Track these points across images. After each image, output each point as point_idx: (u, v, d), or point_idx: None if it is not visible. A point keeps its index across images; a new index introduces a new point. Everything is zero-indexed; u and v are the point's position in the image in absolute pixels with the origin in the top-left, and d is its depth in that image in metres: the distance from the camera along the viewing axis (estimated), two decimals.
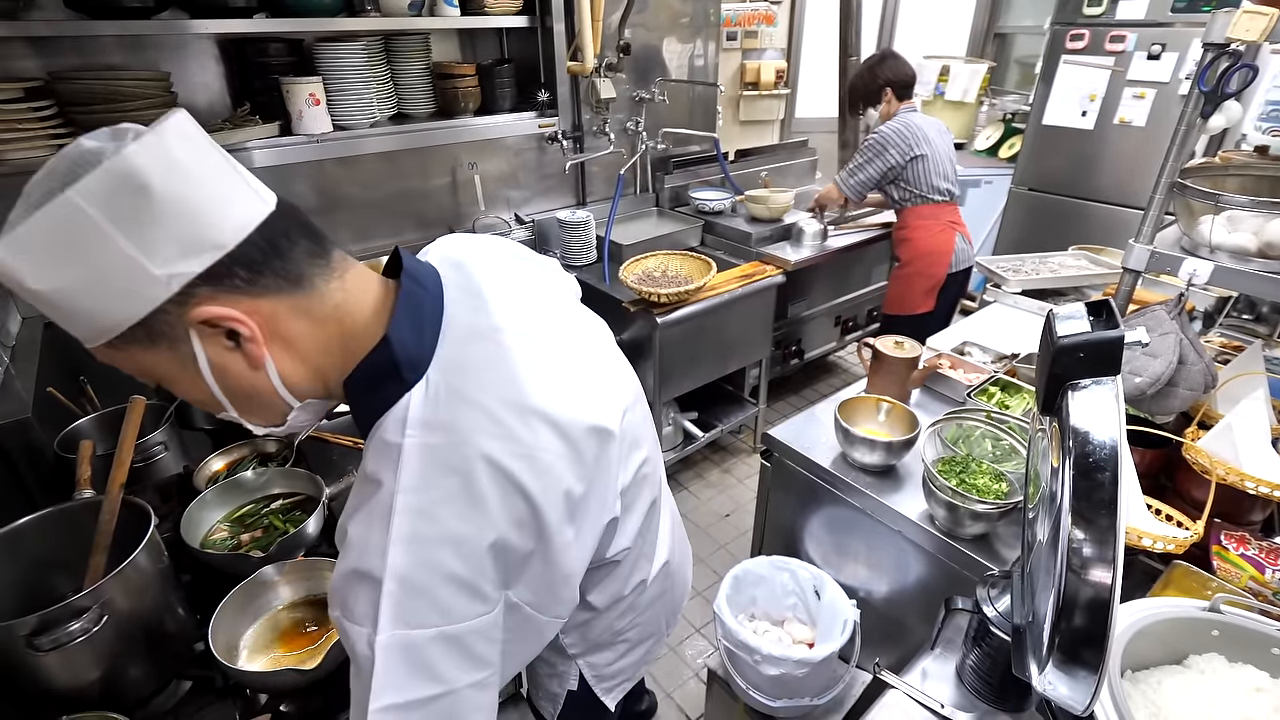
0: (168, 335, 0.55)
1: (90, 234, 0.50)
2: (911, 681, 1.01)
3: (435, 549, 0.57)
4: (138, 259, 0.51)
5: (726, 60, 3.26)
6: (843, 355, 3.71)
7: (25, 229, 0.50)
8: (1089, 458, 0.66)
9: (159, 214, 0.51)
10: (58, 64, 1.65)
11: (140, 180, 0.50)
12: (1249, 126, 2.67)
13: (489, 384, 0.63)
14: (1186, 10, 2.81)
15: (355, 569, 0.58)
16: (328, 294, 0.61)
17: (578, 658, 0.93)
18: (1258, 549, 1.09)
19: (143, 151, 0.51)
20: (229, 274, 0.55)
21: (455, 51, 2.36)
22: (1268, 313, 1.83)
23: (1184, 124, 1.33)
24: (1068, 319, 0.73)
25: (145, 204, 0.51)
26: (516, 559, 0.62)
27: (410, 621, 0.56)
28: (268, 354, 0.59)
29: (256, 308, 0.57)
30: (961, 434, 1.38)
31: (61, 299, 0.52)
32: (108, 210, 0.50)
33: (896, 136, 2.46)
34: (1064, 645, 0.66)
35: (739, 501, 2.74)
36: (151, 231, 0.51)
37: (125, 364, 0.58)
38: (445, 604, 0.58)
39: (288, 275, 0.58)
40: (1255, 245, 1.26)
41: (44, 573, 0.99)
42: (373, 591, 0.56)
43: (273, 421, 0.66)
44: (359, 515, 0.60)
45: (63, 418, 1.36)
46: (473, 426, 0.60)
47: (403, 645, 0.56)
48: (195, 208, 0.53)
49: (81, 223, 0.50)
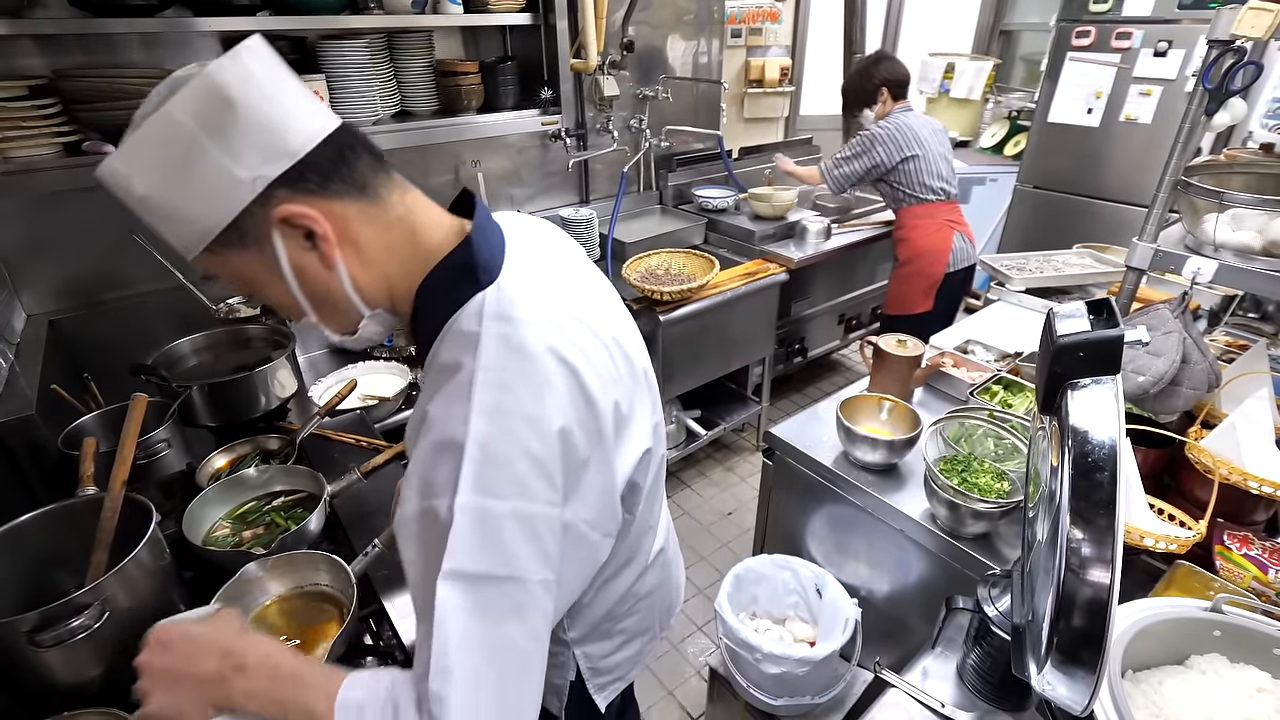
0: (254, 236, 0.63)
1: (186, 142, 0.59)
2: (912, 680, 1.01)
3: (514, 421, 0.62)
4: (226, 163, 0.60)
5: (731, 57, 3.25)
6: (845, 353, 3.70)
7: (134, 140, 0.60)
8: (1088, 457, 0.66)
9: (241, 123, 0.60)
10: (62, 62, 1.65)
11: (224, 94, 0.59)
12: (1254, 124, 2.65)
13: (550, 296, 0.71)
14: (1193, 7, 2.79)
15: (438, 440, 0.62)
16: (392, 205, 0.69)
17: (575, 645, 0.93)
18: (1261, 549, 1.09)
19: (224, 69, 0.59)
20: (303, 178, 0.63)
21: (458, 49, 2.36)
22: (1273, 311, 1.82)
23: (1188, 121, 1.32)
24: (1068, 318, 0.73)
25: (230, 114, 0.59)
26: (576, 461, 0.66)
27: (489, 490, 0.60)
28: (339, 255, 0.66)
29: (329, 210, 0.64)
30: (964, 433, 1.37)
31: (164, 204, 0.61)
32: (199, 120, 0.59)
33: (886, 136, 2.46)
34: (1062, 645, 0.66)
35: (741, 500, 2.74)
36: (236, 139, 0.60)
37: (223, 270, 0.67)
38: (521, 478, 0.61)
39: (354, 183, 0.66)
40: (1260, 243, 1.25)
41: (46, 569, 0.99)
42: (455, 459, 0.60)
43: (346, 328, 0.73)
44: (439, 396, 0.64)
45: (66, 415, 1.37)
46: (542, 323, 0.66)
47: (481, 511, 0.60)
48: (271, 118, 0.61)
49: (179, 133, 0.59)
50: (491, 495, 0.60)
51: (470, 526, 0.59)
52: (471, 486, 0.59)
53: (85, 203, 1.75)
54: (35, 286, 1.77)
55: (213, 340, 1.64)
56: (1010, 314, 2.07)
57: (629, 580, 0.91)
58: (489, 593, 0.60)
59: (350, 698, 0.62)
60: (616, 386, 0.72)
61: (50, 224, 1.74)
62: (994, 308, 2.13)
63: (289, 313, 0.71)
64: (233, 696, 0.65)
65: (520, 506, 0.61)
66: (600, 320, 0.75)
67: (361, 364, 1.96)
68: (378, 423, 1.73)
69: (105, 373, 1.59)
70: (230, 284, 0.70)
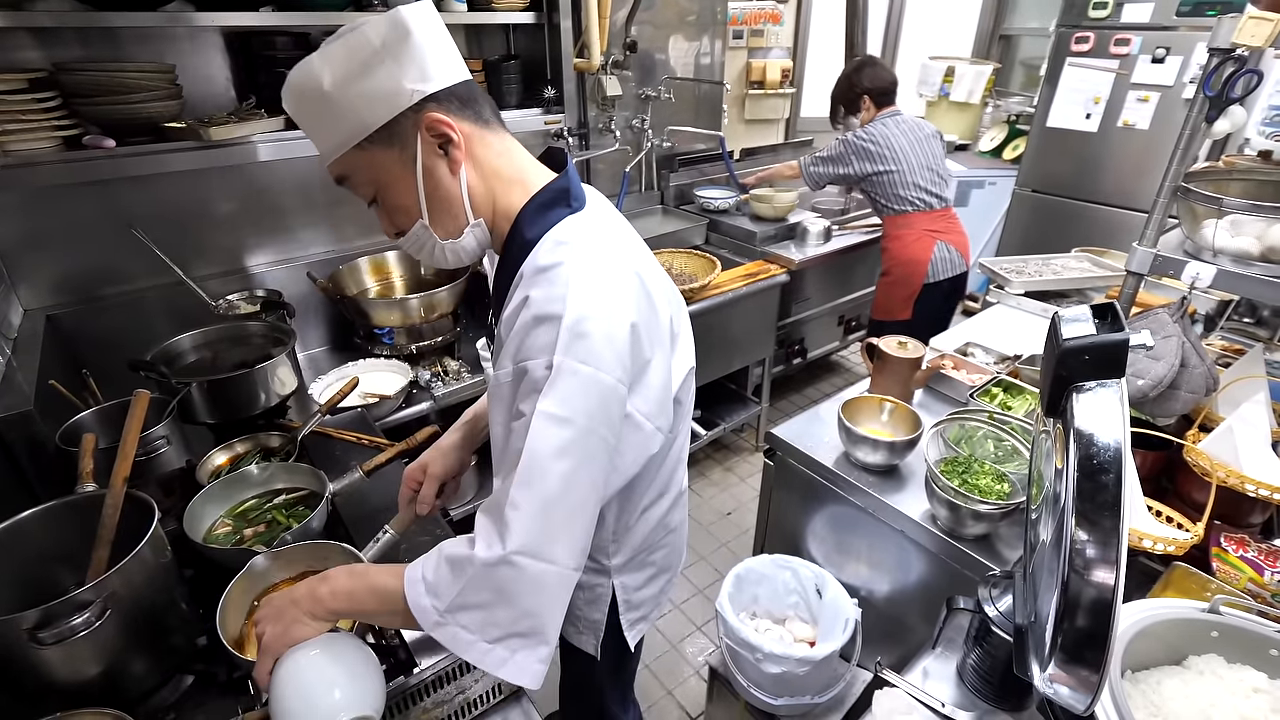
0: (401, 137, 0.78)
1: (372, 54, 0.75)
2: (913, 680, 1.01)
3: (601, 307, 0.75)
4: (397, 74, 0.75)
5: (732, 59, 3.26)
6: (845, 355, 3.71)
7: (333, 46, 0.76)
8: (1093, 459, 0.67)
9: (413, 48, 0.76)
10: (62, 55, 1.64)
11: (405, 25, 0.75)
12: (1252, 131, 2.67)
13: (621, 230, 0.90)
14: (1191, 14, 2.81)
15: (538, 314, 0.75)
16: (501, 139, 0.85)
17: (615, 574, 1.04)
18: (1257, 551, 1.10)
19: (411, 9, 0.77)
20: (447, 99, 0.79)
21: (462, 47, 2.33)
22: (1268, 316, 1.83)
23: (1188, 128, 1.33)
24: (1073, 321, 0.74)
25: (406, 40, 0.75)
26: (642, 356, 0.81)
27: (578, 355, 0.73)
28: (464, 162, 0.81)
29: (461, 127, 0.80)
30: (964, 434, 1.38)
31: (342, 98, 0.75)
32: (384, 39, 0.75)
33: (860, 148, 2.49)
34: (1066, 645, 0.66)
35: (741, 500, 2.74)
36: (406, 58, 0.76)
37: (362, 166, 0.80)
38: (601, 351, 0.74)
39: (480, 115, 0.83)
40: (1258, 249, 1.26)
41: (46, 566, 0.98)
42: (553, 328, 0.73)
43: (451, 231, 0.85)
44: (538, 283, 0.77)
45: (65, 410, 1.36)
46: (618, 244, 0.85)
47: (571, 369, 0.73)
48: (434, 51, 0.78)
49: (367, 47, 0.75)
50: (580, 360, 0.73)
51: (564, 380, 0.72)
52: (565, 349, 0.72)
53: (85, 197, 1.74)
54: (33, 281, 1.76)
55: (212, 336, 1.63)
56: (1009, 317, 2.08)
57: (664, 509, 1.04)
58: (569, 433, 0.73)
59: (414, 573, 0.77)
60: (673, 307, 0.92)
61: (49, 218, 1.73)
62: (993, 310, 2.14)
63: (403, 218, 0.84)
64: (321, 598, 0.80)
65: (599, 375, 0.74)
66: (654, 261, 0.93)
67: (362, 362, 1.96)
68: (379, 421, 1.73)
69: (104, 369, 1.59)
70: (361, 183, 0.83)
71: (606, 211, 0.91)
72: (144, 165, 1.67)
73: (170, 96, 1.71)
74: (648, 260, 0.89)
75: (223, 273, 2.01)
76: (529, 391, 0.74)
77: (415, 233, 0.85)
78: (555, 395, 0.72)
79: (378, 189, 0.83)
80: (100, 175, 1.64)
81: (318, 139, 0.81)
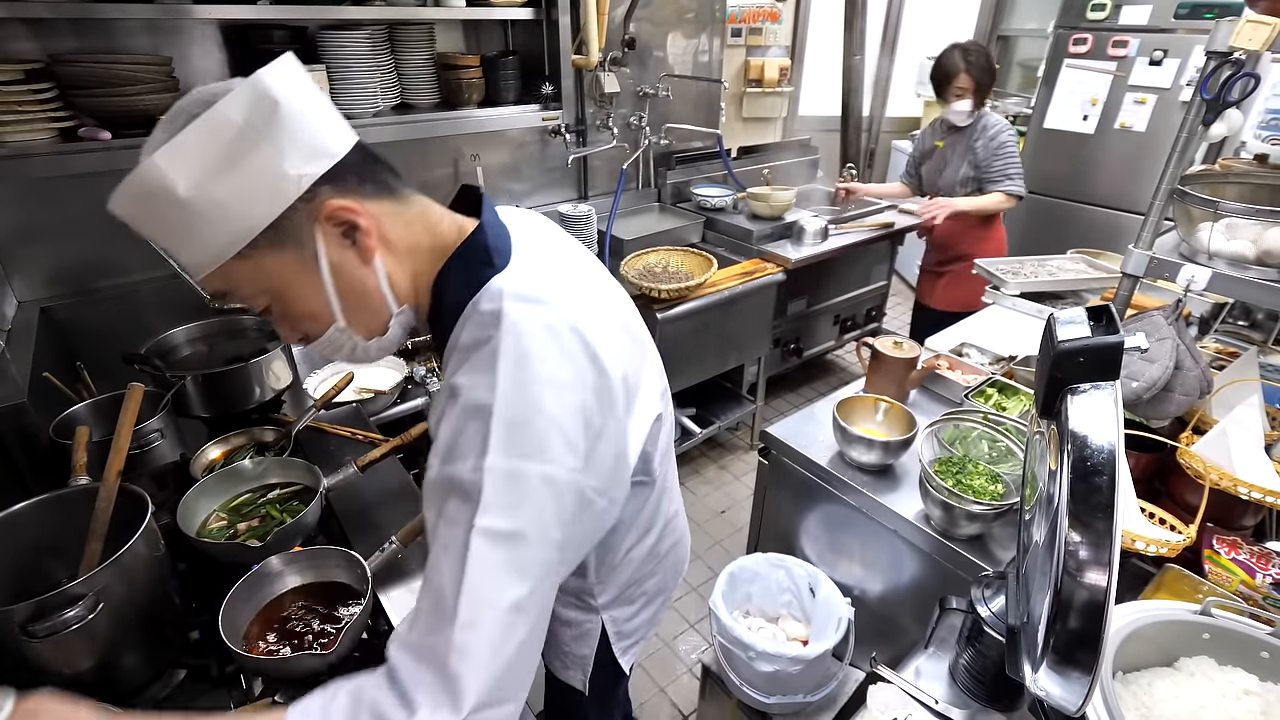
0: (293, 234, 0.65)
1: (236, 140, 0.60)
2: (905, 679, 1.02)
3: (538, 387, 0.64)
4: (274, 161, 0.61)
5: (730, 56, 3.25)
6: (840, 354, 3.72)
7: (181, 138, 0.59)
8: (1087, 461, 0.67)
9: (288, 122, 0.62)
10: (58, 47, 1.63)
11: (272, 95, 0.61)
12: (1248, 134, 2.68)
13: (559, 276, 0.75)
14: (1189, 17, 2.82)
15: (466, 406, 0.64)
16: (411, 206, 0.73)
17: (603, 610, 0.97)
18: (1249, 554, 1.10)
19: (270, 72, 0.62)
20: (343, 177, 0.66)
21: (460, 42, 2.35)
22: (1262, 319, 1.84)
23: (1185, 131, 1.33)
24: (1068, 323, 0.74)
25: (276, 114, 0.61)
26: (593, 430, 0.68)
27: (517, 451, 0.62)
28: (377, 248, 0.69)
29: (368, 207, 0.67)
30: (958, 435, 1.38)
31: (209, 203, 0.60)
32: (249, 119, 0.60)
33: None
34: (1059, 646, 0.67)
35: (735, 498, 2.75)
36: (283, 136, 0.62)
37: (249, 277, 0.66)
38: (544, 441, 0.64)
39: (383, 183, 0.70)
40: (1253, 253, 1.26)
41: (39, 559, 0.98)
42: (483, 423, 0.62)
43: (376, 328, 0.74)
44: (465, 368, 0.66)
45: (58, 403, 1.35)
46: (557, 300, 0.69)
47: (511, 471, 0.62)
48: (312, 121, 0.64)
49: (229, 130, 0.60)
50: (520, 457, 0.62)
51: (502, 486, 0.61)
52: (501, 448, 0.61)
53: (79, 189, 1.73)
54: (28, 273, 1.75)
55: (207, 330, 1.63)
56: (1005, 318, 2.09)
57: (652, 542, 0.96)
58: (518, 551, 0.62)
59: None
60: (626, 360, 0.75)
61: (44, 210, 1.72)
62: (989, 311, 2.15)
63: (313, 323, 0.72)
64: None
65: (546, 469, 0.63)
66: (605, 299, 0.80)
67: None
68: (373, 416, 1.73)
69: (98, 361, 1.58)
70: (251, 295, 0.69)
71: (539, 249, 0.76)
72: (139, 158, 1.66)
73: (166, 89, 1.70)
74: (595, 307, 0.74)
75: None
76: (461, 502, 0.62)
77: (330, 337, 0.73)
78: (496, 506, 0.61)
79: (273, 297, 0.69)
80: (96, 167, 1.64)
81: (183, 253, 0.64)
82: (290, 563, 1.04)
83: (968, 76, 2.43)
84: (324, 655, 0.90)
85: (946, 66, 2.45)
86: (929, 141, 2.72)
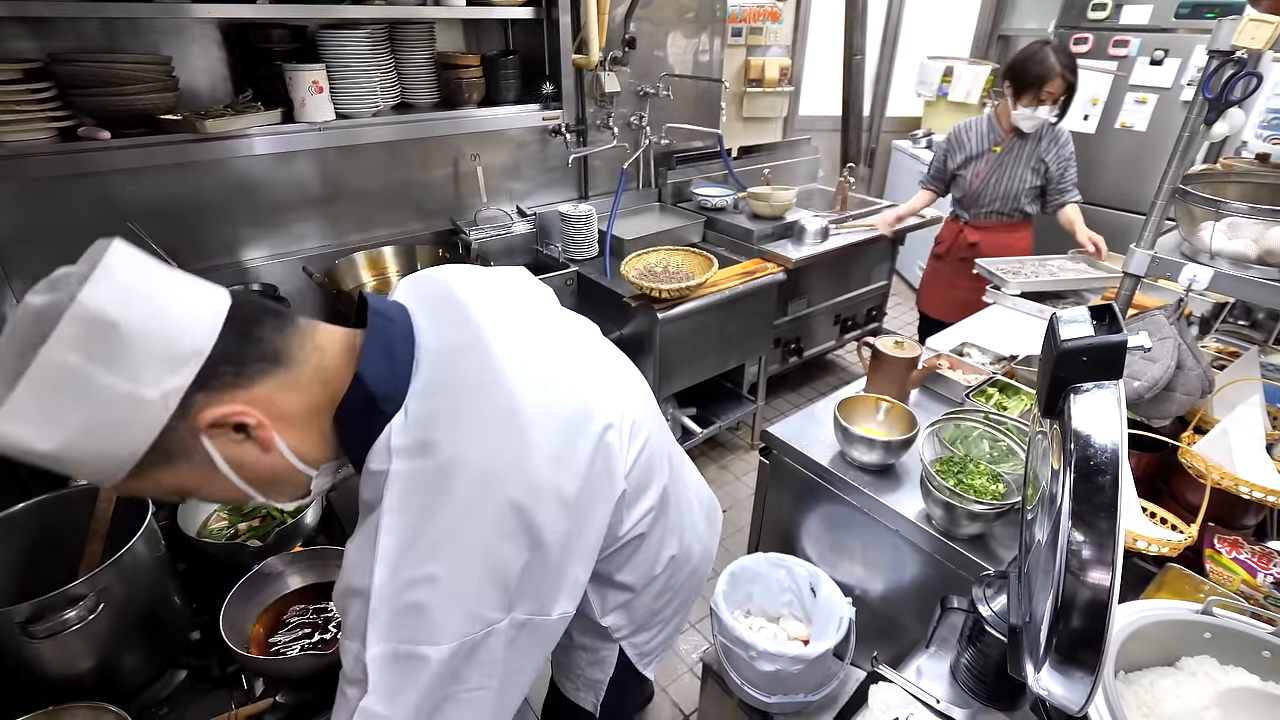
0: (180, 450, 0.58)
1: (78, 381, 0.52)
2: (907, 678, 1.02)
3: (420, 565, 0.59)
4: (129, 388, 0.53)
5: (731, 56, 3.25)
6: (841, 354, 3.72)
7: (16, 397, 0.51)
8: (1090, 461, 0.67)
9: (132, 342, 0.53)
10: (57, 46, 1.63)
11: (105, 318, 0.52)
12: (1250, 134, 2.68)
13: (473, 396, 0.64)
14: (1190, 16, 2.82)
15: (348, 586, 0.61)
16: (305, 360, 0.64)
17: (623, 640, 0.96)
18: (1250, 553, 1.10)
19: (95, 293, 0.52)
20: (217, 374, 0.57)
21: (460, 42, 2.35)
22: (1263, 319, 1.84)
23: (1187, 130, 1.33)
24: (1071, 323, 0.74)
25: (116, 337, 0.52)
26: (512, 573, 0.63)
27: (397, 636, 0.59)
28: (276, 435, 0.62)
29: (252, 397, 0.60)
30: (959, 434, 1.38)
31: (73, 451, 0.54)
32: (86, 354, 0.52)
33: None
34: (1061, 646, 0.66)
35: (736, 498, 2.75)
36: (132, 360, 0.53)
37: (150, 489, 0.62)
38: (432, 621, 0.59)
39: (266, 357, 0.61)
40: (1255, 252, 1.26)
41: (39, 560, 0.98)
42: (363, 607, 0.59)
43: (298, 494, 0.70)
44: (355, 538, 0.63)
45: None
46: (457, 444, 0.62)
47: (391, 657, 0.59)
48: (163, 325, 0.55)
49: (66, 374, 0.51)
50: (401, 641, 0.59)
51: (385, 674, 0.58)
52: (380, 636, 0.58)
53: (79, 188, 1.73)
54: (26, 272, 1.75)
55: None
56: (1005, 318, 2.09)
57: (666, 577, 0.94)
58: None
59: None
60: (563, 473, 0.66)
61: (43, 210, 1.72)
62: (989, 311, 2.15)
63: (234, 503, 0.69)
64: None
65: (441, 652, 0.59)
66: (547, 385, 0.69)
67: None
68: None
69: None
70: (164, 495, 0.64)
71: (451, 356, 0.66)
72: (139, 157, 1.66)
73: (166, 89, 1.69)
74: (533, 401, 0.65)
75: (218, 266, 2.01)
76: (348, 681, 0.61)
77: (257, 501, 0.68)
78: (375, 690, 0.58)
79: (185, 494, 0.65)
80: (95, 167, 1.64)
81: (80, 477, 0.60)
82: (291, 563, 1.04)
83: (1062, 81, 2.21)
84: (325, 656, 0.90)
85: (1038, 68, 2.20)
86: (977, 144, 2.47)
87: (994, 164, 2.44)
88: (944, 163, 2.58)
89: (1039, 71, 2.21)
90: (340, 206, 2.20)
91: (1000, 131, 2.43)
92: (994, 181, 2.46)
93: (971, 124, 2.52)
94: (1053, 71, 2.19)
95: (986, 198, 2.49)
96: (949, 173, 2.58)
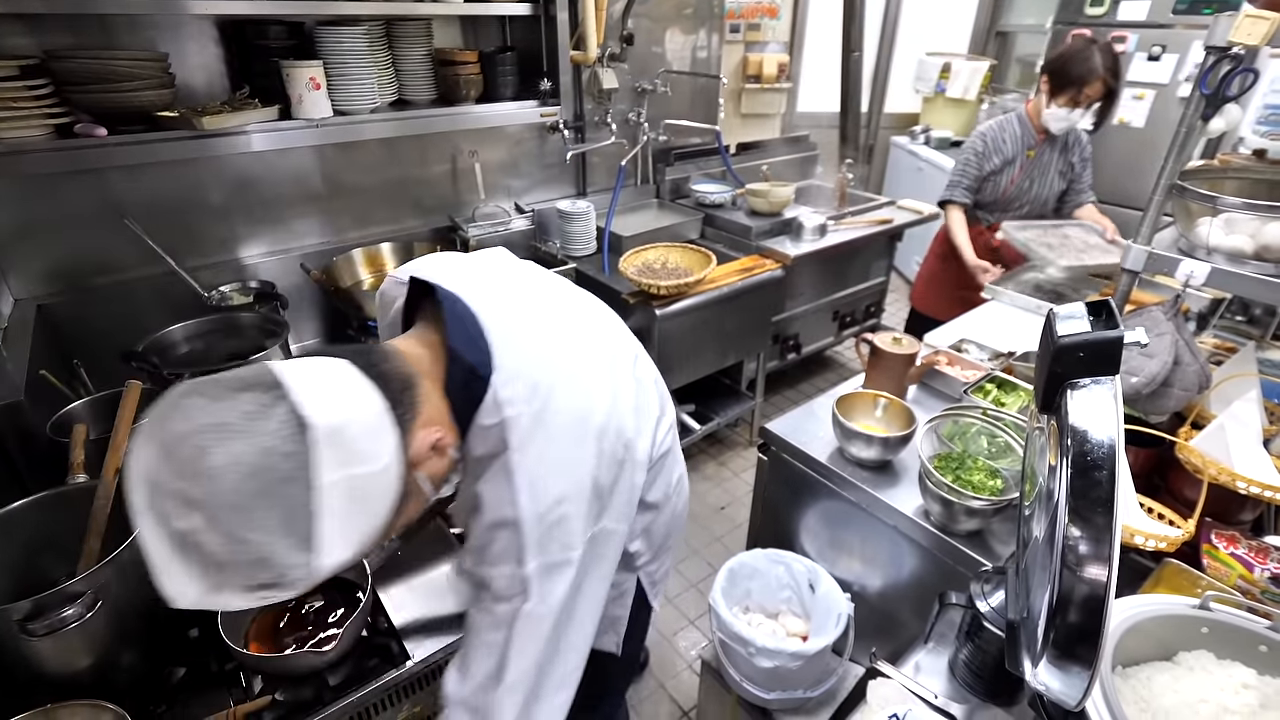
0: (410, 491, 0.66)
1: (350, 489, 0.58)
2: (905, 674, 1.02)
3: (552, 488, 0.72)
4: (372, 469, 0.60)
5: (729, 53, 3.24)
6: (839, 350, 3.72)
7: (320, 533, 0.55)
8: (1087, 456, 0.67)
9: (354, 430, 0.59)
10: (53, 42, 1.62)
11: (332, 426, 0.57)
12: (1246, 129, 2.68)
13: (541, 349, 0.78)
14: (1187, 12, 2.82)
15: (493, 521, 0.72)
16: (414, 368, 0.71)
17: (642, 568, 1.08)
18: (1247, 548, 1.11)
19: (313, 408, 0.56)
20: (398, 417, 0.64)
21: (457, 38, 2.34)
22: (1260, 314, 1.84)
23: (1184, 126, 1.33)
24: (1068, 318, 0.74)
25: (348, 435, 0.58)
26: (608, 490, 0.77)
27: (548, 551, 0.72)
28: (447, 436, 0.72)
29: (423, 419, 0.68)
30: (958, 430, 1.39)
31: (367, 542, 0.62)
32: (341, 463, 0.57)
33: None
34: (1059, 641, 0.67)
35: (734, 495, 2.75)
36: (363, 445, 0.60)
37: (384, 539, 0.68)
38: (568, 532, 0.73)
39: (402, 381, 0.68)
40: (1252, 248, 1.27)
41: (37, 557, 0.98)
42: (513, 534, 0.71)
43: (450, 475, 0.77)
44: (485, 479, 0.73)
45: (55, 401, 1.35)
46: (550, 388, 0.75)
47: (547, 570, 0.72)
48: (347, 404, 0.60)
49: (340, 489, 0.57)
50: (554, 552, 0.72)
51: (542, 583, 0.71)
52: (534, 551, 0.71)
53: (76, 186, 1.73)
54: (23, 270, 1.74)
55: (205, 327, 1.62)
56: (1003, 313, 2.09)
57: (676, 496, 1.08)
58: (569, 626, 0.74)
59: None
60: (628, 397, 0.83)
61: (40, 207, 1.71)
62: (988, 307, 2.15)
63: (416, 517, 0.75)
64: None
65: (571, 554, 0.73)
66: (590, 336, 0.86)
67: None
68: None
69: (95, 359, 1.57)
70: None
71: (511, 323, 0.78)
72: (136, 154, 1.65)
73: (163, 85, 1.69)
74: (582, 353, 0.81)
75: (215, 263, 2.00)
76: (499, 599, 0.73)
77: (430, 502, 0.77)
78: (535, 595, 0.71)
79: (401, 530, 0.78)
80: (92, 164, 1.63)
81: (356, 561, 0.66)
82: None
83: (1102, 85, 2.09)
84: (323, 653, 0.90)
85: (1080, 67, 2.08)
86: (1012, 149, 2.33)
87: (1028, 169, 2.34)
88: (979, 169, 2.39)
89: (1080, 71, 2.08)
90: (338, 203, 2.20)
91: (1033, 133, 2.32)
92: (1028, 186, 2.37)
93: (1003, 126, 2.36)
94: (1095, 73, 2.07)
95: (1018, 202, 2.41)
96: (980, 180, 2.42)
